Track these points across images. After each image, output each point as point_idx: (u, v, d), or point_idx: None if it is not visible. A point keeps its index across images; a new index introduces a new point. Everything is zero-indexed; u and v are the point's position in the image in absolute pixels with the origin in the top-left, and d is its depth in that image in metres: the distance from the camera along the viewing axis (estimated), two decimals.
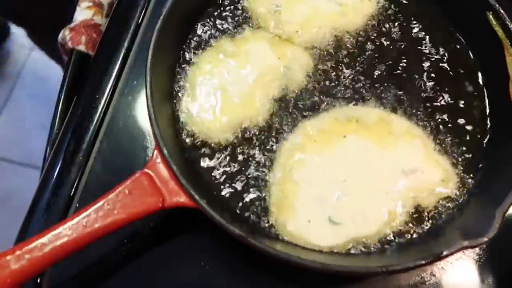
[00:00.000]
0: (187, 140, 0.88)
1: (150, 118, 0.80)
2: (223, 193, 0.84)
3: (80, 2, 1.21)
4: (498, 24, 0.94)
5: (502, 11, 0.93)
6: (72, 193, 0.88)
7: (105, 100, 0.95)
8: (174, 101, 0.91)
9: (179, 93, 0.92)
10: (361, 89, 0.95)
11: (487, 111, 0.94)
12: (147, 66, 0.83)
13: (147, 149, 0.90)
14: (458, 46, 1.00)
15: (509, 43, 0.92)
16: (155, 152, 0.78)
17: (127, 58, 0.99)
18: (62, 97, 1.04)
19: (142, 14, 1.05)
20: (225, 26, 0.99)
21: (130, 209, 0.73)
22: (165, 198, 0.75)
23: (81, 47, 1.12)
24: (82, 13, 1.19)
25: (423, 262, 0.72)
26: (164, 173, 0.76)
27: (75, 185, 0.88)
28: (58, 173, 0.90)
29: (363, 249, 0.82)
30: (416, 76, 0.97)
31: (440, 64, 0.98)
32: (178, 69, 0.93)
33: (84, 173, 0.88)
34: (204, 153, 0.87)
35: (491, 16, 0.95)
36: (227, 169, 0.86)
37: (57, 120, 1.02)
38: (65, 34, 1.15)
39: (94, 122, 0.93)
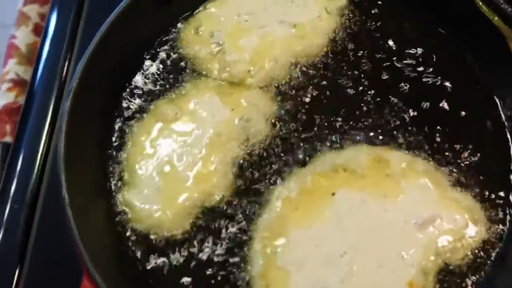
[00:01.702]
0: (133, 242, 0.68)
1: (73, 234, 0.60)
2: None
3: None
4: (491, 10, 0.74)
5: None
6: None
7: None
8: (111, 194, 0.71)
9: (115, 184, 0.72)
10: (342, 127, 0.75)
11: (505, 125, 0.74)
12: (60, 163, 0.63)
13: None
14: (450, 46, 0.81)
15: (511, 32, 0.73)
16: (85, 281, 0.58)
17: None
18: None
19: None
20: (160, 84, 0.80)
21: None
22: None
23: (7, 139, 0.95)
24: (3, 97, 1.01)
25: None
26: None
27: None
28: None
29: None
30: (407, 97, 0.77)
31: (435, 76, 0.79)
32: (109, 153, 0.74)
33: None
34: (156, 255, 0.67)
35: (480, 3, 0.75)
36: (189, 271, 0.66)
37: None
38: None
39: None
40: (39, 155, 0.84)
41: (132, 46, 0.80)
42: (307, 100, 0.77)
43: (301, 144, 0.74)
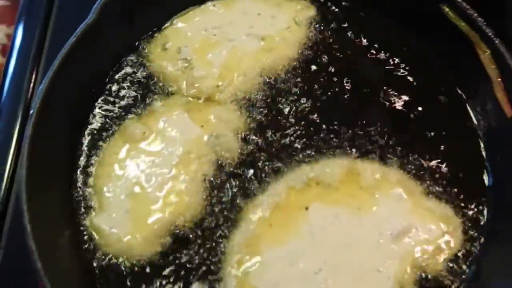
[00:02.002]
0: (103, 268, 0.66)
1: (36, 266, 0.58)
2: None
3: None
4: (459, 18, 0.74)
5: (460, 1, 0.74)
6: None
7: None
8: (78, 219, 0.69)
9: (82, 209, 0.70)
10: (313, 140, 0.74)
11: (477, 129, 0.74)
12: (22, 193, 0.61)
13: None
14: (424, 59, 0.81)
15: (478, 37, 0.72)
16: None
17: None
18: None
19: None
20: (127, 102, 0.78)
21: None
22: None
23: None
24: None
25: None
26: None
27: None
28: None
29: None
30: (378, 107, 0.76)
31: (405, 82, 0.78)
32: (75, 177, 0.72)
33: None
34: (130, 281, 0.65)
35: (447, 10, 0.75)
36: None
37: None
38: None
39: None
40: (4, 179, 0.81)
41: (98, 65, 0.78)
42: (278, 113, 0.76)
43: (273, 159, 0.73)
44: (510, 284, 0.57)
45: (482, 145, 0.73)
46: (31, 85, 0.89)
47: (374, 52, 0.81)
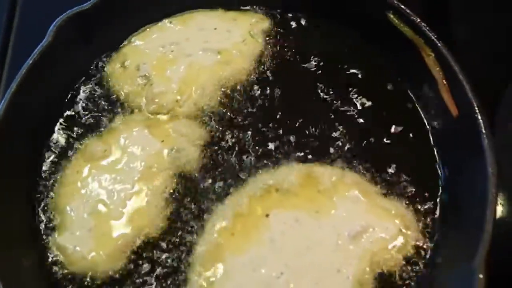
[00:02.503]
0: (66, 286, 0.66)
1: None
2: None
3: None
4: (403, 24, 0.78)
5: (402, 6, 0.77)
6: None
7: None
8: (41, 240, 0.70)
9: (44, 228, 0.70)
10: (270, 148, 0.76)
11: (427, 128, 0.77)
12: None
13: None
14: (374, 62, 0.84)
15: (422, 41, 0.76)
16: None
17: None
18: None
19: None
20: (87, 122, 0.79)
21: None
22: None
23: None
24: None
25: None
26: None
27: None
28: None
29: None
30: (332, 113, 0.79)
31: (359, 89, 0.81)
32: (36, 198, 0.73)
33: None
34: None
35: (393, 17, 0.79)
36: None
37: None
38: None
39: None
40: None
41: (56, 86, 0.79)
42: (236, 124, 0.78)
43: (232, 169, 0.75)
44: (460, 271, 0.59)
45: (432, 143, 0.75)
46: None
47: (326, 61, 0.84)
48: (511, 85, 0.88)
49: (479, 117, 0.67)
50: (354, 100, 0.80)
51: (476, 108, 0.68)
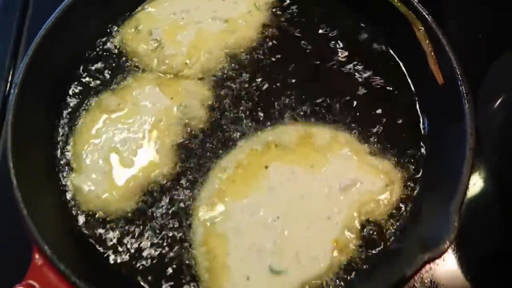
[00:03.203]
0: (83, 223, 0.73)
1: (22, 214, 0.65)
2: (138, 276, 0.69)
3: None
4: (399, 1, 0.84)
5: None
6: None
7: None
8: (59, 181, 0.76)
9: (63, 171, 0.77)
10: (272, 108, 0.83)
11: (415, 96, 0.84)
12: (8, 151, 0.68)
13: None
14: (366, 36, 0.90)
15: (414, 17, 0.83)
16: (36, 255, 0.63)
17: None
18: None
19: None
20: (103, 78, 0.85)
21: None
22: None
23: None
24: None
25: None
26: (51, 278, 0.62)
27: None
28: None
29: None
30: (330, 80, 0.86)
31: (353, 58, 0.87)
32: (57, 142, 0.79)
33: None
34: (105, 232, 0.73)
35: None
36: (138, 243, 0.72)
37: None
38: None
39: None
40: None
41: (75, 45, 0.85)
42: (240, 85, 0.85)
43: (235, 126, 0.81)
44: (438, 217, 0.66)
45: (418, 107, 0.82)
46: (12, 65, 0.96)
47: (325, 31, 0.90)
48: (496, 62, 0.95)
49: (462, 84, 0.74)
50: (346, 66, 0.86)
51: (460, 76, 0.75)
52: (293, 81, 0.85)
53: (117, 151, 0.78)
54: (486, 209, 0.86)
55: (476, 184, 0.86)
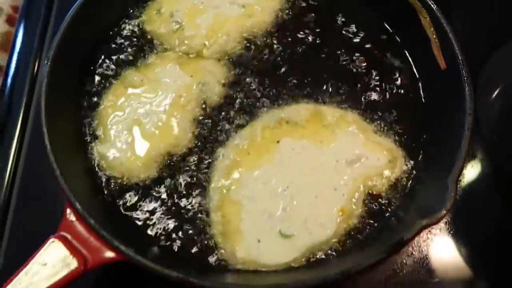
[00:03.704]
0: (107, 186, 0.79)
1: (55, 174, 0.71)
2: (156, 236, 0.75)
3: None
4: None
5: None
6: None
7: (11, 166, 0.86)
8: (86, 148, 0.82)
9: (90, 139, 0.83)
10: (284, 88, 0.88)
11: (418, 80, 0.89)
12: (42, 118, 0.74)
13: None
14: (375, 24, 0.95)
15: (421, 6, 0.88)
16: (67, 209, 0.69)
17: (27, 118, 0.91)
18: None
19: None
20: (127, 56, 0.91)
21: (49, 281, 0.63)
22: (87, 259, 0.66)
23: None
24: None
25: (385, 254, 0.66)
26: (81, 231, 0.68)
27: None
28: None
29: (323, 256, 0.74)
30: (339, 62, 0.91)
31: (360, 44, 0.93)
32: (83, 114, 0.85)
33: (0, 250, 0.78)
34: (128, 196, 0.79)
35: None
36: (157, 207, 0.78)
37: None
38: None
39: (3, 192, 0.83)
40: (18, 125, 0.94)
41: (102, 24, 0.91)
42: (255, 66, 0.90)
43: (250, 103, 0.87)
44: (435, 189, 0.72)
45: (421, 90, 0.88)
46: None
47: (336, 22, 0.96)
48: (495, 54, 1.00)
49: (463, 68, 0.80)
50: (353, 51, 0.92)
51: (461, 62, 0.81)
52: (304, 63, 0.91)
53: (139, 123, 0.84)
54: (483, 193, 0.91)
55: (474, 167, 0.92)
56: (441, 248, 0.81)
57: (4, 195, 0.84)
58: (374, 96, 0.88)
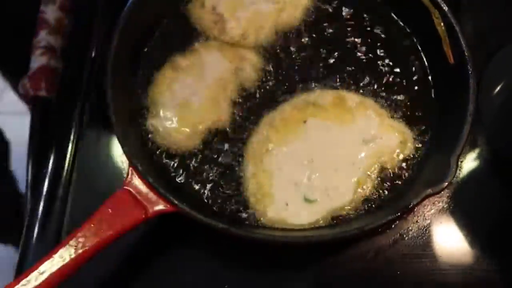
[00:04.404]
0: (159, 154, 0.93)
1: (119, 141, 0.85)
2: (200, 194, 0.89)
3: (34, 50, 1.24)
4: None
5: None
6: (59, 227, 0.92)
7: (74, 136, 1.00)
8: (140, 120, 0.96)
9: (143, 113, 0.97)
10: (313, 76, 1.01)
11: (428, 72, 1.02)
12: (107, 90, 0.88)
13: (124, 170, 0.95)
14: (393, 21, 1.07)
15: (434, 7, 1.00)
16: (130, 169, 0.83)
17: (88, 92, 1.05)
18: (33, 141, 1.08)
19: (95, 50, 1.11)
20: (176, 43, 1.05)
21: (116, 225, 0.77)
22: (147, 209, 0.79)
23: (43, 92, 1.15)
24: (38, 60, 1.23)
25: (393, 216, 0.79)
26: (141, 187, 0.81)
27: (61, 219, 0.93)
28: (43, 212, 0.94)
29: (341, 218, 0.88)
30: (359, 55, 1.04)
31: (379, 39, 1.05)
32: (138, 91, 0.99)
33: (67, 206, 0.92)
34: (177, 162, 0.92)
35: None
36: (201, 172, 0.91)
37: (30, 163, 1.05)
38: (24, 83, 1.19)
39: (68, 158, 0.97)
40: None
41: (156, 13, 1.04)
42: (285, 55, 1.03)
43: (282, 88, 1.00)
44: (442, 166, 0.84)
45: (430, 80, 1.00)
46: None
47: (359, 19, 1.08)
48: (499, 52, 1.12)
49: (469, 63, 0.92)
50: (372, 46, 1.04)
51: (467, 57, 0.93)
52: (329, 55, 1.03)
53: (185, 101, 0.97)
54: (482, 175, 1.03)
55: (475, 152, 1.04)
56: (441, 218, 0.94)
57: (68, 165, 0.98)
58: (390, 85, 1.00)
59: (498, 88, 1.12)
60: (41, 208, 0.92)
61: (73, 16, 1.26)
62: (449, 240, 0.93)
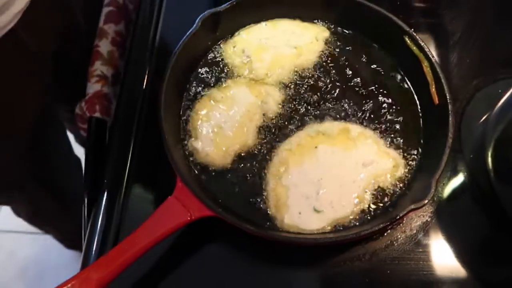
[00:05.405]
0: (198, 170, 1.15)
1: (169, 158, 1.08)
2: (231, 203, 1.11)
3: (89, 78, 1.49)
4: (413, 44, 1.25)
5: (414, 34, 1.25)
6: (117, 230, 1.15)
7: (131, 154, 1.23)
8: (183, 142, 1.19)
9: (186, 136, 1.20)
10: (323, 110, 1.24)
11: (419, 108, 1.24)
12: (161, 117, 1.11)
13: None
14: (389, 64, 1.31)
15: (424, 57, 1.23)
16: (178, 182, 1.06)
17: (141, 116, 1.28)
18: (89, 158, 1.31)
19: (146, 79, 1.35)
20: (212, 79, 1.28)
21: (167, 225, 0.99)
22: (192, 213, 1.02)
23: (97, 114, 1.39)
24: (93, 87, 1.47)
25: (384, 224, 1.01)
26: (187, 195, 1.03)
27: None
28: (102, 225, 1.16)
29: (343, 226, 1.09)
30: (363, 92, 1.27)
31: (380, 81, 1.28)
32: (182, 118, 1.22)
33: (125, 212, 1.15)
34: (212, 177, 1.15)
35: (407, 39, 1.26)
36: (232, 185, 1.14)
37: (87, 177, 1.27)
38: (81, 106, 1.43)
39: (127, 171, 1.21)
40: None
41: (195, 56, 1.28)
42: (303, 93, 1.26)
43: (298, 119, 1.23)
44: (424, 188, 1.05)
45: (420, 118, 1.22)
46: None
47: (363, 60, 1.32)
48: (480, 92, 1.34)
49: (449, 103, 1.14)
50: (378, 91, 1.27)
51: (449, 100, 1.15)
52: (338, 93, 1.26)
53: (220, 127, 1.19)
54: (462, 196, 1.23)
55: (456, 178, 1.25)
56: (425, 229, 1.15)
57: (127, 176, 1.21)
58: (387, 119, 1.22)
59: (480, 121, 1.34)
60: (98, 225, 1.13)
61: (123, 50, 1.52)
62: (431, 247, 1.14)
